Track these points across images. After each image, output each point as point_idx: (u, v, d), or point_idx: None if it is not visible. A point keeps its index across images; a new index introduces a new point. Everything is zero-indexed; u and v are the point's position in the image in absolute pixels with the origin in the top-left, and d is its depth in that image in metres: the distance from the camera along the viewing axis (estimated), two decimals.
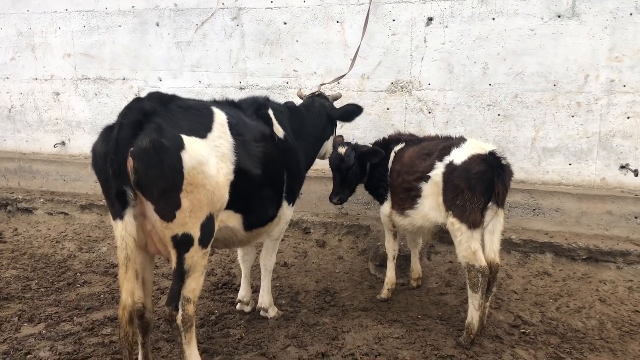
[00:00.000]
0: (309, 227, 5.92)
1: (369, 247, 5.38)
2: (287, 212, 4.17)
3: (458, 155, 3.92)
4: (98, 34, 6.82)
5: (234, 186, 3.33)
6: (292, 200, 4.21)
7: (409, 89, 5.71)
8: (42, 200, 6.82)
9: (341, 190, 4.70)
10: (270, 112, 4.04)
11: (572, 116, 5.33)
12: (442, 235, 4.90)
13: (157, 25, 6.53)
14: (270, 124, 3.95)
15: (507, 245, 5.24)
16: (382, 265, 5.26)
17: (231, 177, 3.29)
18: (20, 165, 7.27)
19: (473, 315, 3.94)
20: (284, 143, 4.03)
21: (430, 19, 5.53)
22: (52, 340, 4.10)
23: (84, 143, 7.13)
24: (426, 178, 4.06)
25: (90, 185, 6.85)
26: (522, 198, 5.40)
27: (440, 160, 4.00)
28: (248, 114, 3.82)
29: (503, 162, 3.86)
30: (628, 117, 5.19)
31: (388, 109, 5.80)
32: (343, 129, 5.91)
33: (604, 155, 5.31)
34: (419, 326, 4.27)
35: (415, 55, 5.63)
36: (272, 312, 4.44)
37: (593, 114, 5.27)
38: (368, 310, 4.57)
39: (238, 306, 4.57)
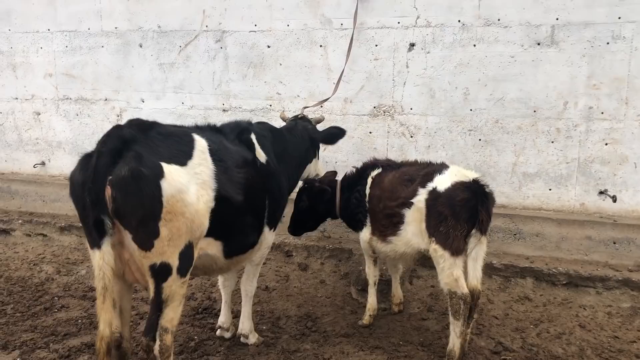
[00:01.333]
0: (291, 250, 5.90)
1: (351, 271, 5.36)
2: (268, 237, 4.15)
3: (441, 182, 3.92)
4: (80, 54, 6.79)
5: (215, 213, 3.30)
6: (273, 225, 4.19)
7: (392, 113, 5.75)
8: (20, 221, 6.71)
9: (293, 224, 5.04)
10: (253, 136, 4.03)
11: (552, 142, 5.40)
12: (423, 261, 4.90)
13: (140, 46, 6.52)
14: (253, 149, 3.94)
15: (489, 269, 5.25)
16: (364, 290, 5.24)
17: (212, 204, 3.27)
18: None
19: (455, 342, 3.93)
20: (266, 168, 4.02)
21: (412, 45, 5.59)
22: None
23: (64, 164, 7.05)
24: (409, 204, 4.05)
25: (70, 206, 6.67)
26: (503, 222, 5.44)
27: (423, 186, 3.99)
28: (230, 139, 3.80)
29: (486, 189, 3.89)
30: (606, 144, 5.27)
31: (370, 132, 5.84)
32: (326, 152, 5.93)
33: (583, 181, 5.38)
34: (400, 353, 4.25)
35: (397, 80, 5.69)
36: (253, 338, 4.39)
37: (572, 140, 5.35)
38: (350, 336, 4.54)
39: (218, 332, 4.52)
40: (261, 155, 4.00)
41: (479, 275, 3.91)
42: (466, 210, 3.79)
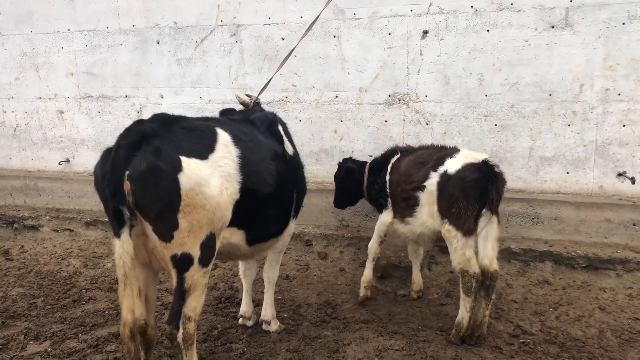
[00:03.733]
0: (310, 239, 5.98)
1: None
2: (291, 226, 4.24)
3: (452, 165, 4.08)
4: (100, 52, 6.93)
5: (241, 205, 3.37)
6: (297, 215, 4.29)
7: (407, 101, 5.78)
8: (47, 217, 6.91)
9: (335, 198, 5.37)
10: (280, 128, 4.11)
11: (569, 125, 5.38)
12: (442, 245, 4.95)
13: (158, 43, 6.63)
14: (282, 142, 4.03)
15: (507, 254, 5.28)
16: (384, 277, 5.32)
17: (236, 196, 3.34)
18: (26, 183, 7.37)
19: (464, 315, 4.12)
20: (293, 160, 4.11)
21: (425, 32, 5.60)
22: (58, 358, 4.17)
23: (88, 160, 7.22)
24: (422, 187, 4.24)
25: (94, 201, 6.92)
26: (520, 207, 5.44)
27: (435, 170, 4.17)
28: (262, 131, 3.89)
29: (496, 170, 4.01)
30: (624, 125, 5.23)
31: (386, 121, 5.87)
32: (342, 142, 5.99)
33: (601, 164, 5.35)
34: (420, 338, 4.31)
35: (411, 68, 5.70)
36: (274, 325, 4.49)
37: (589, 122, 5.32)
38: (369, 322, 4.62)
39: (240, 321, 4.62)
40: (289, 148, 4.09)
41: (491, 254, 4.03)
42: (476, 190, 3.93)
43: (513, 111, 5.50)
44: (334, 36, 5.90)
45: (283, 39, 6.08)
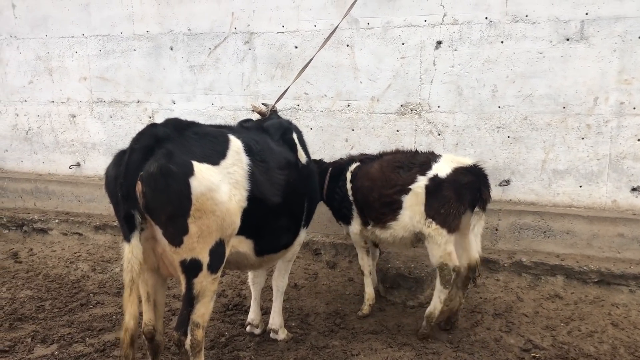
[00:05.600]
0: (319, 248, 5.95)
1: (379, 269, 5.38)
2: (302, 235, 4.21)
3: (441, 169, 4.30)
4: (113, 57, 6.96)
5: (249, 213, 3.35)
6: (308, 224, 4.26)
7: (419, 111, 5.76)
8: (57, 220, 6.92)
9: None
10: (295, 136, 4.09)
11: (582, 138, 5.33)
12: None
13: (171, 49, 6.66)
14: (295, 150, 4.00)
15: (518, 267, 5.23)
16: (393, 287, 5.27)
17: (244, 204, 3.32)
18: (36, 186, 7.40)
19: (436, 306, 4.37)
20: (306, 169, 4.08)
21: (439, 43, 5.59)
22: None
23: (98, 164, 7.24)
24: (407, 190, 4.37)
25: (104, 206, 6.94)
26: (532, 220, 5.39)
27: (422, 174, 4.34)
28: (275, 139, 3.87)
29: (485, 172, 4.38)
30: (638, 140, 5.18)
31: (398, 131, 5.85)
32: (354, 151, 5.96)
33: (615, 178, 5.30)
34: (429, 350, 4.26)
35: (424, 78, 5.69)
36: (282, 334, 4.45)
37: (603, 136, 5.27)
38: (378, 333, 4.58)
39: (248, 328, 4.59)
40: (302, 157, 4.06)
41: (479, 248, 4.40)
42: (470, 192, 4.25)
43: (526, 123, 5.46)
44: (347, 45, 5.90)
45: (296, 47, 6.09)
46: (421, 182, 4.29)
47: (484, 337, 4.47)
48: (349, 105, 5.97)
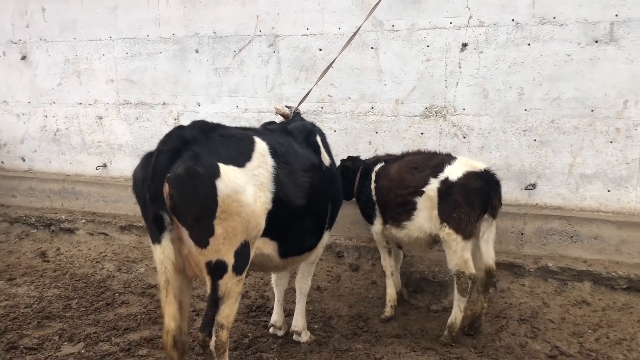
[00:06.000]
0: (342, 251, 5.94)
1: (403, 272, 5.35)
2: (325, 237, 4.21)
3: (452, 172, 4.28)
4: (140, 60, 7.05)
5: (273, 215, 3.37)
6: (331, 227, 4.26)
7: (444, 113, 5.71)
8: (83, 220, 7.03)
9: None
10: (318, 139, 4.10)
11: (611, 142, 5.23)
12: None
13: (197, 52, 6.72)
14: (319, 152, 4.01)
15: (544, 272, 5.15)
16: (416, 291, 5.25)
17: (269, 206, 3.34)
18: (63, 187, 7.52)
19: (457, 316, 4.34)
20: (330, 172, 4.09)
21: (464, 45, 5.54)
22: None
23: (124, 166, 7.34)
24: (420, 192, 4.39)
25: (129, 206, 7.02)
26: (559, 225, 5.30)
27: (435, 176, 4.34)
28: (299, 142, 3.89)
29: (496, 178, 4.34)
30: None
31: (422, 133, 5.81)
32: (377, 153, 5.94)
33: None
34: (453, 354, 4.22)
35: (449, 81, 5.65)
36: (305, 336, 4.46)
37: (633, 140, 5.17)
38: (401, 337, 4.55)
39: (271, 330, 4.61)
40: (325, 159, 4.07)
41: (492, 255, 4.35)
42: (480, 197, 4.20)
43: (553, 127, 5.38)
44: (372, 47, 5.89)
45: (320, 50, 6.10)
46: (433, 184, 4.31)
47: (509, 343, 4.41)
48: (372, 108, 5.96)
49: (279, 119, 5.07)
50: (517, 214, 5.41)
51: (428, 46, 5.68)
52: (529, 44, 5.35)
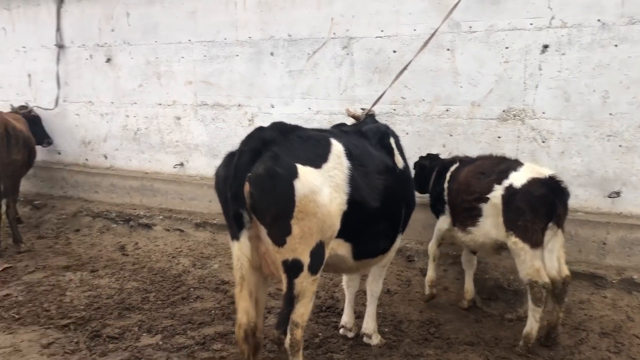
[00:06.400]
0: (412, 255, 5.87)
1: (476, 278, 5.23)
2: (398, 241, 4.20)
3: (517, 179, 4.20)
4: (217, 62, 7.25)
5: (347, 216, 3.39)
6: (404, 230, 4.24)
7: (522, 117, 5.55)
8: (160, 217, 7.30)
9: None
10: (392, 141, 4.10)
11: None
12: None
13: (272, 54, 6.84)
14: (392, 155, 4.01)
15: (628, 284, 4.89)
16: (490, 299, 5.13)
17: (344, 207, 3.36)
18: (142, 184, 7.85)
19: (533, 326, 4.20)
20: (403, 174, 4.07)
21: (545, 47, 5.35)
22: (168, 352, 4.37)
23: (200, 165, 7.57)
24: (485, 199, 4.37)
25: (204, 204, 7.24)
26: None
27: (499, 182, 4.29)
28: (373, 144, 3.90)
29: (562, 185, 4.20)
30: None
31: (499, 137, 5.66)
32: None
33: None
34: None
35: (529, 83, 5.47)
36: (376, 339, 4.44)
37: None
38: (474, 344, 4.46)
39: (341, 331, 4.62)
40: (399, 162, 4.06)
41: (556, 266, 4.19)
42: (544, 205, 4.09)
43: None
44: (448, 49, 5.80)
45: (395, 52, 6.06)
46: (497, 191, 4.27)
47: (590, 357, 4.24)
48: (447, 110, 5.87)
49: (350, 120, 5.09)
50: (599, 223, 5.17)
51: (507, 48, 5.53)
52: (615, 45, 5.10)
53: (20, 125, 7.28)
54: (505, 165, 4.41)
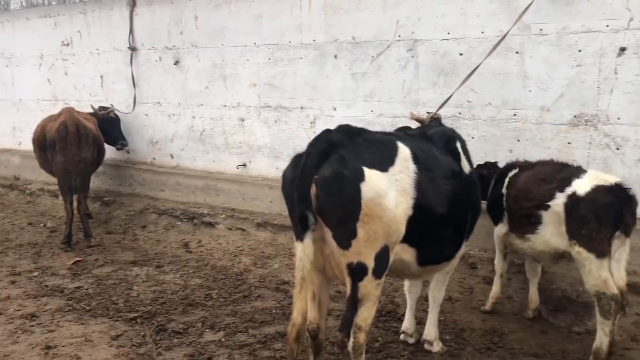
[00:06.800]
0: (475, 262, 5.75)
1: (542, 288, 5.07)
2: (463, 248, 4.13)
3: (581, 186, 4.07)
4: (281, 65, 7.34)
5: (413, 221, 3.36)
6: (469, 237, 4.16)
7: (594, 123, 5.33)
8: (223, 216, 7.46)
9: None
10: (458, 145, 4.04)
11: None
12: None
13: (335, 57, 6.86)
14: (459, 159, 3.95)
15: None
16: (557, 310, 4.96)
17: (410, 212, 3.34)
18: (207, 183, 8.04)
19: (602, 340, 4.04)
20: (470, 180, 4.00)
21: (622, 49, 5.12)
22: (230, 349, 4.45)
23: (262, 166, 7.68)
24: (545, 206, 4.24)
25: (265, 205, 7.34)
26: None
27: (561, 190, 4.16)
28: (439, 148, 3.86)
29: (630, 193, 4.05)
30: None
31: (569, 143, 5.47)
32: None
33: None
34: None
35: (603, 88, 5.26)
36: (437, 346, 4.38)
37: None
38: (540, 356, 4.33)
39: (402, 337, 4.58)
40: (465, 167, 4.00)
41: (624, 276, 4.07)
42: (610, 213, 3.95)
43: None
44: (517, 52, 5.64)
45: (461, 55, 5.96)
46: (559, 199, 4.15)
47: None
48: (515, 115, 5.71)
49: (413, 124, 5.05)
50: None
51: (580, 51, 5.33)
52: None
53: (90, 124, 7.60)
54: (567, 172, 4.29)
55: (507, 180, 4.79)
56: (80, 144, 7.15)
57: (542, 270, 5.20)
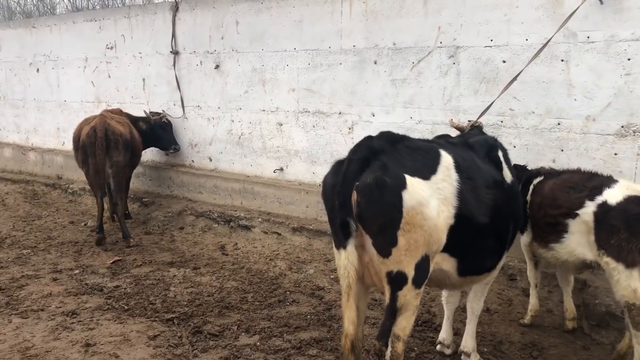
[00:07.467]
0: (515, 274, 5.64)
1: (585, 303, 4.93)
2: (503, 259, 4.04)
3: (612, 196, 3.98)
4: (320, 71, 7.35)
5: (454, 231, 3.31)
6: (510, 248, 4.08)
7: None
8: (259, 219, 7.49)
9: None
10: (500, 154, 3.97)
11: None
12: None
13: (375, 63, 6.84)
14: (501, 168, 3.88)
15: None
16: (599, 326, 4.80)
17: (451, 221, 3.29)
18: (244, 187, 8.10)
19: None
20: (512, 189, 3.93)
21: None
22: (265, 353, 4.45)
23: (299, 170, 7.70)
24: (573, 215, 4.15)
25: (301, 209, 7.35)
26: None
27: (591, 199, 4.07)
28: (480, 156, 3.80)
29: None
30: None
31: (616, 154, 5.31)
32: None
33: None
34: None
35: None
36: (474, 358, 4.30)
37: None
38: None
39: (438, 347, 4.52)
40: (508, 176, 3.92)
41: None
42: None
43: None
44: (562, 60, 5.52)
45: (504, 62, 5.86)
46: (589, 208, 4.05)
47: None
48: (559, 124, 5.58)
49: (453, 131, 4.98)
50: None
51: (629, 59, 5.18)
52: None
53: (122, 128, 7.65)
54: (598, 181, 4.19)
55: (531, 187, 4.70)
56: (109, 149, 7.26)
57: (585, 283, 5.07)
